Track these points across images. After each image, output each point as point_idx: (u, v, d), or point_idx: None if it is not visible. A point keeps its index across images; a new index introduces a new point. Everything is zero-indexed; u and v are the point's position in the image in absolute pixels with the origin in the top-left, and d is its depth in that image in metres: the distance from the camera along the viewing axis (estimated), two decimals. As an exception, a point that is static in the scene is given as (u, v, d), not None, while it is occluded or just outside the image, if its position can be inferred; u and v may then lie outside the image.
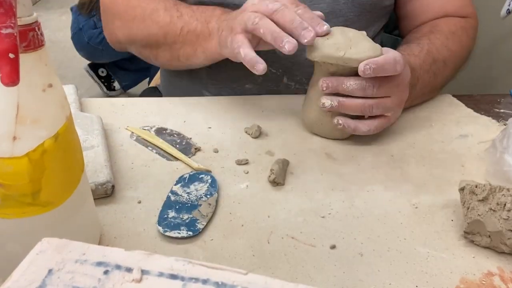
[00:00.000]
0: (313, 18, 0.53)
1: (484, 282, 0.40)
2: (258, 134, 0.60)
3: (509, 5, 0.89)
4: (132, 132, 0.59)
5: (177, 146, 0.57)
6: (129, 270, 0.33)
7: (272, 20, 0.52)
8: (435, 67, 0.65)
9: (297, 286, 0.33)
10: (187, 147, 0.57)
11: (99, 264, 0.34)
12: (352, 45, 0.53)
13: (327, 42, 0.53)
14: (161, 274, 0.33)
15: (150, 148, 0.57)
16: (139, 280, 0.33)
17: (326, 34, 0.53)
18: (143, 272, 0.33)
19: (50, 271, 0.33)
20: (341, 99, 0.54)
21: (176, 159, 0.55)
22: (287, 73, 0.71)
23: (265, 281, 0.33)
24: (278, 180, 0.51)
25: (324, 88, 0.54)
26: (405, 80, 0.56)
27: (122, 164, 0.53)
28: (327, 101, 0.54)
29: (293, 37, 0.51)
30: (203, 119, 0.63)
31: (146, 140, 0.58)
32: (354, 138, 0.60)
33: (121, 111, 0.65)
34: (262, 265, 0.41)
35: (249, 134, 0.60)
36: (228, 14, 0.60)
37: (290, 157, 0.56)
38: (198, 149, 0.57)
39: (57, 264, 0.34)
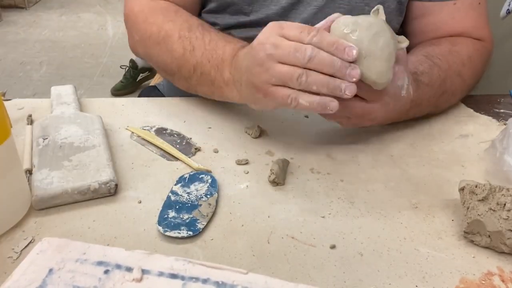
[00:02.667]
0: (334, 41, 0.47)
1: (484, 282, 0.40)
2: (258, 134, 0.60)
3: (509, 5, 0.90)
4: (132, 132, 0.59)
5: (177, 146, 0.57)
6: (129, 269, 0.34)
7: (309, 69, 0.47)
8: (443, 99, 0.64)
9: (297, 286, 0.33)
10: (187, 147, 0.57)
11: (100, 263, 0.34)
12: (368, 51, 0.47)
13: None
14: (161, 274, 0.33)
15: (150, 148, 0.57)
16: (139, 280, 0.33)
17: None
18: (143, 271, 0.34)
19: (50, 270, 0.33)
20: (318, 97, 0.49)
21: (176, 159, 0.55)
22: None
23: (265, 280, 0.33)
24: (278, 180, 0.51)
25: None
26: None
27: (122, 164, 0.53)
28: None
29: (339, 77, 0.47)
30: (203, 119, 0.64)
31: (146, 140, 0.58)
32: (354, 138, 0.61)
33: (121, 111, 0.65)
34: (262, 265, 0.41)
35: (249, 134, 0.60)
36: (237, 56, 0.56)
37: (290, 157, 0.56)
38: (198, 149, 0.57)
39: (57, 264, 0.34)
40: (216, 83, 0.59)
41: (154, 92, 0.93)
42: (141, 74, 2.49)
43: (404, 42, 0.51)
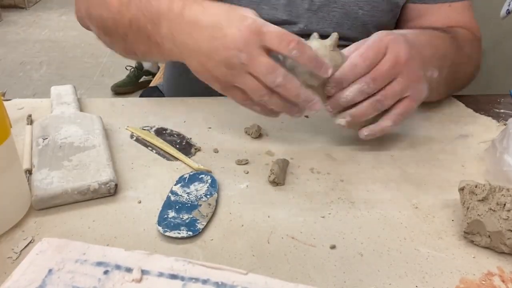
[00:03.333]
0: (313, 59, 0.49)
1: (484, 282, 0.40)
2: (258, 134, 0.60)
3: (509, 5, 0.90)
4: (132, 132, 0.59)
5: (177, 146, 0.57)
6: (129, 270, 0.34)
7: (275, 91, 0.50)
8: (456, 43, 0.63)
9: (297, 286, 0.33)
10: (187, 147, 0.57)
11: (99, 264, 0.34)
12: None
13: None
14: (161, 274, 0.33)
15: (150, 148, 0.57)
16: (139, 280, 0.33)
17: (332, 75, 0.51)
18: (143, 272, 0.34)
19: (50, 271, 0.33)
20: (350, 111, 0.53)
21: (176, 159, 0.55)
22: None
23: (265, 281, 0.33)
24: (278, 180, 0.51)
25: (331, 111, 0.54)
26: (401, 54, 0.52)
27: (122, 164, 0.53)
28: (341, 120, 0.54)
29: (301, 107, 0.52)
30: (203, 119, 0.63)
31: (146, 140, 0.58)
32: (354, 138, 0.61)
33: (121, 111, 0.65)
34: (262, 265, 0.41)
35: (249, 134, 0.60)
36: (179, 12, 0.52)
37: (290, 157, 0.56)
38: (198, 149, 0.57)
39: (57, 264, 0.34)
40: (152, 39, 0.55)
41: (156, 92, 0.93)
42: (144, 76, 2.49)
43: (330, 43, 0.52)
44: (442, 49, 0.61)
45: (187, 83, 0.79)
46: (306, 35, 0.55)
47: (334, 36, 0.52)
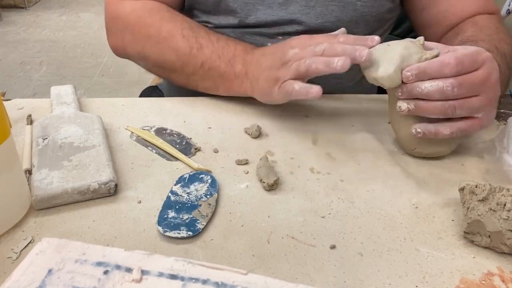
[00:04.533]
0: (357, 38, 0.55)
1: (484, 282, 0.40)
2: (258, 134, 0.60)
3: (509, 5, 0.89)
4: (132, 132, 0.59)
5: (177, 146, 0.57)
6: (129, 270, 0.33)
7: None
8: (505, 61, 0.62)
9: (297, 286, 0.33)
10: (187, 147, 0.57)
11: (99, 264, 0.34)
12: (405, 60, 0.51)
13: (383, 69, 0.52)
14: (161, 274, 0.33)
15: (150, 148, 0.57)
16: (139, 280, 0.33)
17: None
18: (143, 272, 0.33)
19: (50, 271, 0.33)
20: (419, 101, 0.51)
21: (176, 159, 0.55)
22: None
23: (265, 281, 0.33)
24: (270, 183, 0.50)
25: (400, 94, 0.52)
26: (492, 76, 0.51)
27: (122, 164, 0.53)
28: (403, 104, 0.52)
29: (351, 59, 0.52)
30: (203, 119, 0.63)
31: (146, 140, 0.58)
32: (354, 138, 0.61)
33: (121, 111, 0.65)
34: (262, 265, 0.41)
35: (249, 134, 0.60)
36: (252, 53, 0.62)
37: (290, 157, 0.56)
38: (198, 149, 0.57)
39: (57, 264, 0.34)
40: (225, 77, 0.63)
41: (155, 92, 0.93)
42: None
43: (433, 51, 0.52)
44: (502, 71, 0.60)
45: None
46: (306, 32, 0.60)
47: (435, 52, 0.52)
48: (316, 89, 0.53)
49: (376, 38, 0.54)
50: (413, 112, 0.52)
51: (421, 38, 0.54)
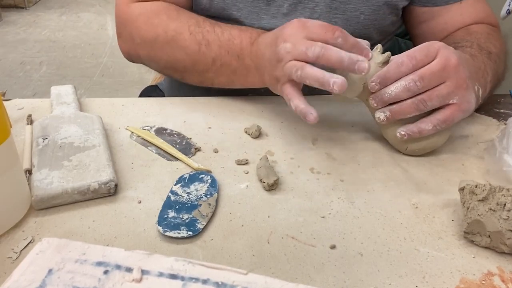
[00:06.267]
0: (356, 44, 0.53)
1: (484, 282, 0.40)
2: (258, 134, 0.60)
3: (509, 5, 0.89)
4: (132, 132, 0.59)
5: (177, 146, 0.57)
6: (129, 270, 0.34)
7: (319, 65, 0.51)
8: (489, 57, 0.63)
9: (297, 286, 0.33)
10: (187, 147, 0.57)
11: (99, 264, 0.34)
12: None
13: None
14: (161, 274, 0.33)
15: (150, 148, 0.57)
16: (139, 280, 0.33)
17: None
18: (143, 272, 0.33)
19: (50, 271, 0.33)
20: (391, 106, 0.53)
21: (176, 159, 0.55)
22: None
23: (265, 281, 0.33)
24: (270, 183, 0.50)
25: (375, 105, 0.54)
26: (451, 60, 0.52)
27: (122, 164, 0.53)
28: (381, 114, 0.54)
29: (348, 71, 0.51)
30: (203, 119, 0.63)
31: (146, 140, 0.58)
32: (354, 138, 0.61)
33: (121, 111, 0.65)
34: (262, 265, 0.41)
35: (249, 134, 0.60)
36: (256, 44, 0.60)
37: (290, 157, 0.56)
38: (198, 149, 0.57)
39: (57, 264, 0.34)
40: (238, 72, 0.62)
41: (155, 92, 0.93)
42: None
43: (383, 55, 0.54)
44: (482, 67, 0.60)
45: (187, 85, 0.79)
46: None
47: (386, 54, 0.53)
48: (311, 118, 0.51)
49: (370, 54, 0.53)
50: (391, 118, 0.54)
51: (379, 46, 0.55)
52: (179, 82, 0.82)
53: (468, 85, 0.53)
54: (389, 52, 0.53)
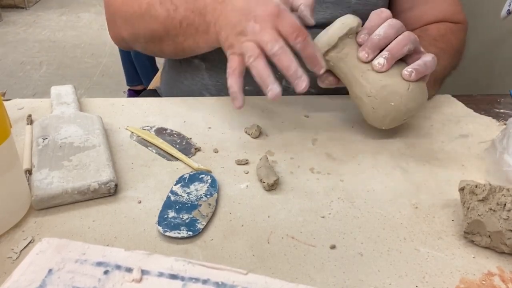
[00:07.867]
0: (312, 56, 0.54)
1: (484, 282, 0.40)
2: (258, 134, 0.60)
3: (509, 5, 0.90)
4: (132, 132, 0.59)
5: (177, 146, 0.57)
6: (129, 270, 0.34)
7: (271, 60, 0.52)
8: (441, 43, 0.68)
9: (297, 286, 0.33)
10: (187, 147, 0.57)
11: (99, 264, 0.34)
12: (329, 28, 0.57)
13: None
14: (161, 274, 0.33)
15: (150, 148, 0.57)
16: (139, 280, 0.33)
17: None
18: (143, 272, 0.34)
19: (50, 271, 0.33)
20: (387, 47, 0.55)
21: (176, 159, 0.55)
22: (285, 77, 0.72)
23: (265, 281, 0.33)
24: (270, 183, 0.50)
25: (367, 55, 0.55)
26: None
27: (122, 164, 0.53)
28: (381, 60, 0.54)
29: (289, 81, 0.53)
30: (203, 119, 0.64)
31: (146, 140, 0.58)
32: (354, 138, 0.61)
33: (121, 111, 0.65)
34: (262, 265, 0.41)
35: (249, 134, 0.60)
36: (225, 3, 0.58)
37: (290, 157, 0.56)
38: (198, 149, 0.57)
39: (57, 264, 0.34)
40: (200, 29, 0.62)
41: (153, 96, 0.93)
42: None
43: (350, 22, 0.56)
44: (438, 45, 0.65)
45: (185, 85, 0.79)
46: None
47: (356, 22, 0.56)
48: (237, 104, 0.54)
49: (322, 69, 0.54)
50: (390, 59, 0.55)
51: (343, 19, 0.57)
52: (176, 85, 0.82)
53: None
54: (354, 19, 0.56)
